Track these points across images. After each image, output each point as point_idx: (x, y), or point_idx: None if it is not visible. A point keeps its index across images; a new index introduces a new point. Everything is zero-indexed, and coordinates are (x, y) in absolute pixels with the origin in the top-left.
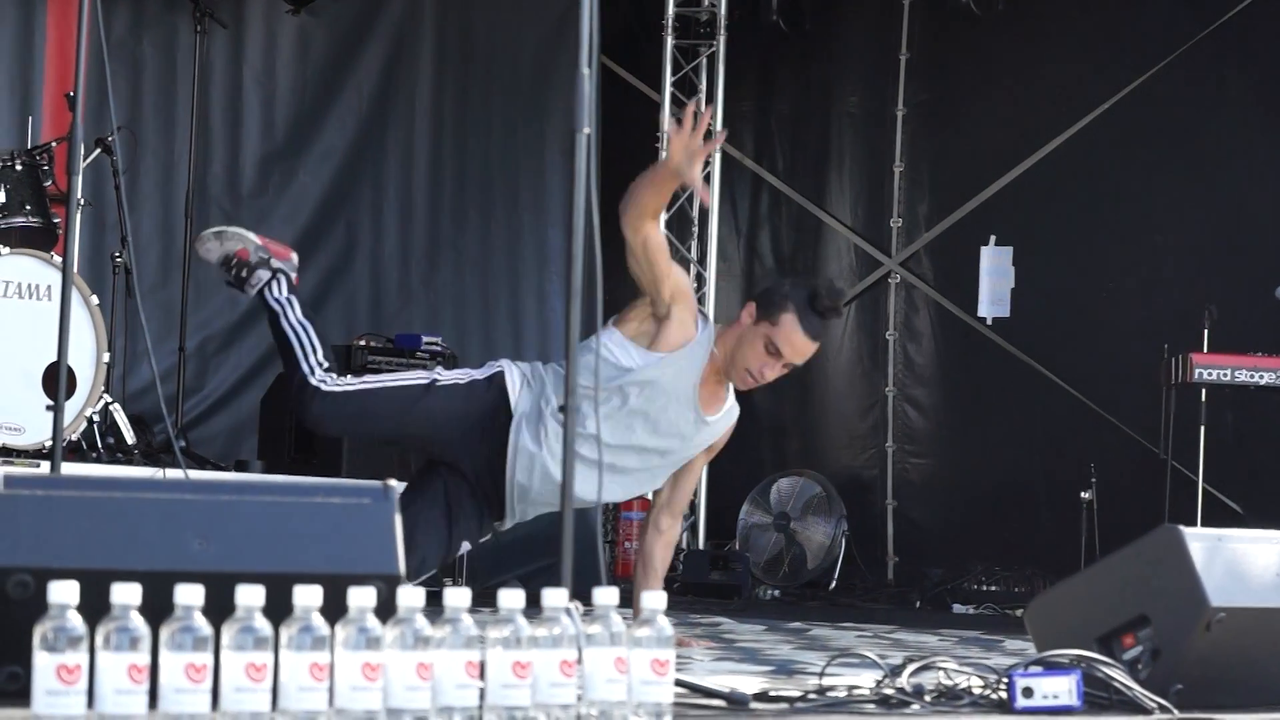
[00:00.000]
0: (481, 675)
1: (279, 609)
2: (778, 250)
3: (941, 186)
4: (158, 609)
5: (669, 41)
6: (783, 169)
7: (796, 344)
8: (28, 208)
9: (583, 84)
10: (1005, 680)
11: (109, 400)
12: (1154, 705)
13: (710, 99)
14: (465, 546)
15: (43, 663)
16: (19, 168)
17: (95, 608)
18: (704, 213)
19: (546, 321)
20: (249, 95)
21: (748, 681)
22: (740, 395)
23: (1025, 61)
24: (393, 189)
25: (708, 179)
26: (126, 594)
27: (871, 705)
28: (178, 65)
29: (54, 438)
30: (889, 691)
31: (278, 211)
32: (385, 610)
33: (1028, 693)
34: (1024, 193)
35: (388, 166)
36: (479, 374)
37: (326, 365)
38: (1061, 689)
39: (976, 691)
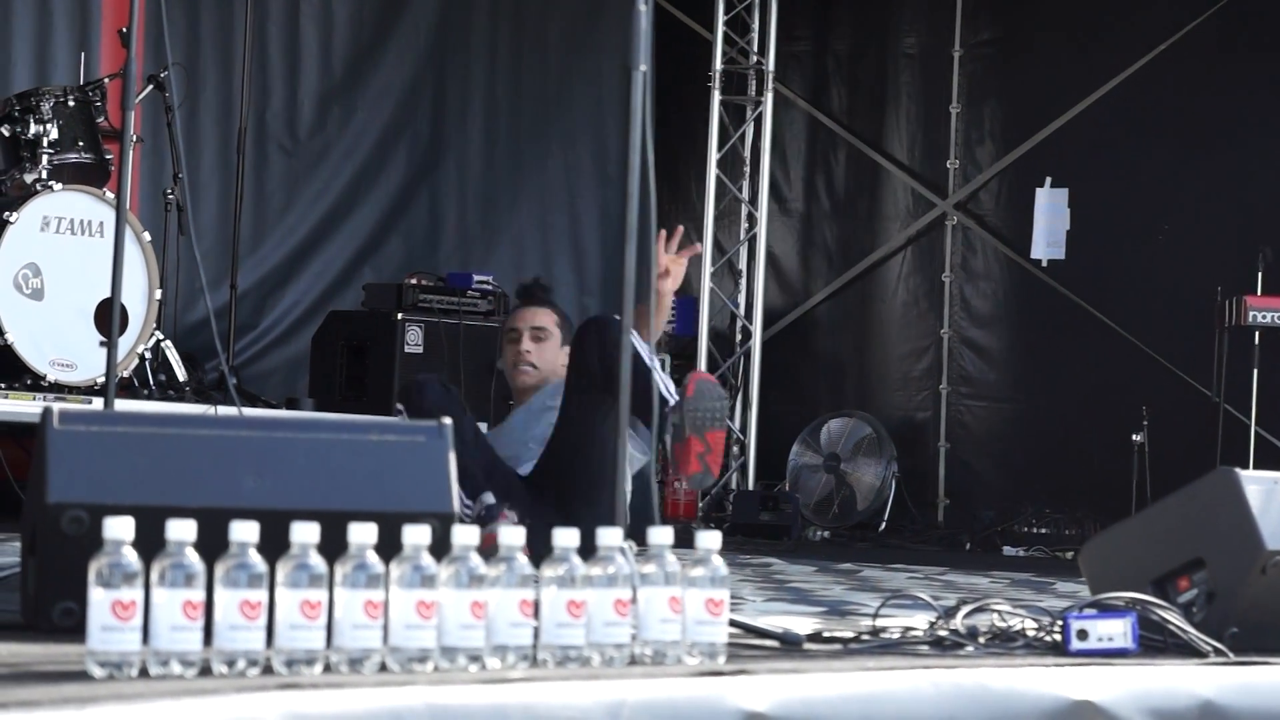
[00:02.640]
0: (536, 614)
1: (333, 546)
2: (833, 192)
3: (999, 128)
4: (212, 546)
5: None
6: (838, 110)
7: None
8: (80, 144)
9: (639, 21)
10: (1060, 622)
11: (161, 337)
12: (1209, 648)
13: (763, 38)
14: None
15: (98, 599)
16: (72, 104)
17: (150, 544)
18: (756, 152)
19: (612, 260)
20: (306, 32)
21: (800, 622)
22: (797, 338)
23: (1082, 1)
24: (450, 126)
25: (760, 119)
26: (181, 530)
27: (925, 647)
28: (235, 1)
29: (107, 374)
30: (943, 633)
31: (337, 149)
32: (440, 548)
33: (1082, 635)
34: (1081, 134)
35: (446, 103)
36: None
37: None
38: (1116, 631)
39: (1031, 633)
